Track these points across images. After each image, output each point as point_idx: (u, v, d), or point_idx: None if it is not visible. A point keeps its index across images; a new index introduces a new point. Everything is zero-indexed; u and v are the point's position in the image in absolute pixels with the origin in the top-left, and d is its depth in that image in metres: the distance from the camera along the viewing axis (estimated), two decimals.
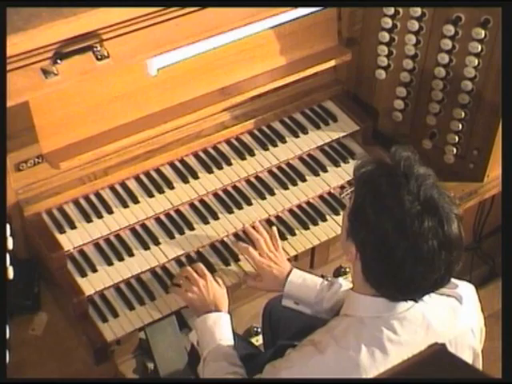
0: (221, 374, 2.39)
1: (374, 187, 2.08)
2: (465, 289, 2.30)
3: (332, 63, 3.10)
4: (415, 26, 2.98)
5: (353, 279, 2.24)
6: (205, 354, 2.47)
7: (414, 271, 2.03)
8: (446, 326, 2.19)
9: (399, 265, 2.03)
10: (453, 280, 2.30)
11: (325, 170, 3.05)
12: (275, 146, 3.08)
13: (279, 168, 3.05)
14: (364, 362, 2.09)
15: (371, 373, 2.09)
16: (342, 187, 2.97)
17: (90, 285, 2.66)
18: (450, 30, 2.89)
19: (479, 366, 2.32)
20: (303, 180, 3.02)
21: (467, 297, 2.27)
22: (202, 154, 3.01)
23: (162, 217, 2.86)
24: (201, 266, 2.67)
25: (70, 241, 2.71)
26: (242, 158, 3.02)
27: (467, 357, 2.25)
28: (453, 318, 2.21)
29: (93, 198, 2.84)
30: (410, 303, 2.14)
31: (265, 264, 2.68)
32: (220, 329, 2.50)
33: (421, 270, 2.03)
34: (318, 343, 2.15)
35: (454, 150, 3.15)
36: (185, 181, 2.92)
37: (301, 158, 3.09)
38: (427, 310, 2.16)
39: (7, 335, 2.38)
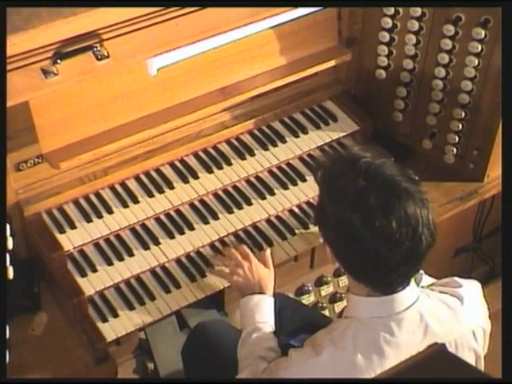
0: (252, 356, 2.37)
1: (326, 182, 2.12)
2: (468, 289, 2.27)
3: (332, 63, 3.10)
4: (415, 25, 2.98)
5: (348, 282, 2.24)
6: (243, 334, 2.46)
7: (376, 246, 2.00)
8: (445, 327, 2.16)
9: (360, 242, 2.01)
10: (457, 279, 2.30)
11: None
12: (275, 146, 3.08)
13: (279, 168, 3.05)
14: (360, 364, 2.08)
15: (367, 374, 2.08)
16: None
17: (90, 285, 2.66)
18: (450, 29, 2.90)
19: (481, 368, 2.30)
20: (303, 180, 3.02)
21: (469, 297, 2.24)
22: (202, 154, 3.01)
23: (162, 217, 2.85)
24: (244, 248, 2.68)
25: (69, 241, 2.71)
26: (242, 158, 3.02)
27: (468, 359, 2.22)
28: (453, 319, 2.19)
29: (93, 198, 2.84)
30: (408, 303, 2.11)
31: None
32: (261, 311, 2.49)
33: (380, 244, 2.00)
34: (318, 345, 2.14)
35: (454, 150, 3.15)
36: (185, 181, 2.92)
37: (301, 158, 3.09)
38: (426, 310, 2.14)
39: (7, 335, 2.39)
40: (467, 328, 2.21)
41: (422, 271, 2.45)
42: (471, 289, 2.30)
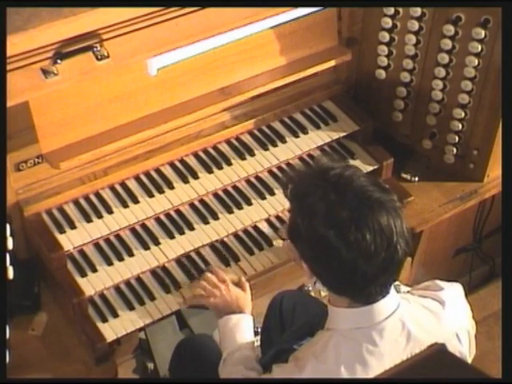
0: (234, 376, 2.37)
1: (296, 198, 2.08)
2: (449, 291, 2.24)
3: (332, 63, 3.10)
4: (415, 25, 2.98)
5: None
6: (224, 355, 2.46)
7: (352, 260, 1.98)
8: (428, 332, 2.13)
9: (336, 256, 1.99)
10: (438, 282, 2.27)
11: None
12: (275, 146, 3.07)
13: (279, 168, 3.05)
14: (344, 376, 2.06)
15: None
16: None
17: (90, 285, 2.66)
18: (449, 30, 2.90)
19: None
20: None
21: (451, 300, 2.21)
22: (201, 154, 3.01)
23: (162, 217, 2.86)
24: (220, 272, 2.66)
25: (69, 241, 2.71)
26: (242, 158, 3.02)
27: None
28: (436, 323, 2.16)
29: (93, 198, 2.84)
30: (388, 311, 2.09)
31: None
32: (241, 331, 2.49)
33: (356, 257, 1.97)
34: (300, 360, 2.12)
35: (454, 150, 3.15)
36: (185, 181, 2.92)
37: (301, 158, 3.09)
38: (407, 317, 2.11)
39: (7, 335, 2.39)
40: (451, 331, 2.19)
41: (398, 282, 2.44)
42: (453, 291, 2.26)
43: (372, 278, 2.02)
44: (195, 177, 2.93)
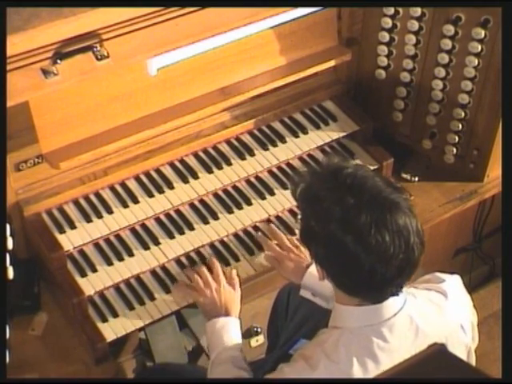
0: (225, 375, 2.37)
1: (310, 199, 2.07)
2: (451, 283, 2.27)
3: (332, 63, 3.10)
4: (415, 25, 2.98)
5: (334, 293, 2.20)
6: (212, 357, 2.46)
7: (371, 263, 1.97)
8: (434, 325, 2.16)
9: (354, 260, 1.98)
10: (439, 274, 2.30)
11: None
12: (275, 146, 3.07)
13: (279, 168, 3.05)
14: (356, 374, 2.07)
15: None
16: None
17: (90, 285, 2.66)
18: (449, 30, 2.90)
19: (473, 361, 2.30)
20: None
21: (454, 292, 2.24)
22: (201, 154, 3.01)
23: (162, 217, 2.85)
24: (217, 266, 2.66)
25: (69, 241, 2.71)
26: (242, 158, 3.02)
27: (460, 354, 2.21)
28: (440, 316, 2.18)
29: (93, 198, 2.84)
30: (397, 307, 2.10)
31: (285, 256, 2.67)
32: (228, 333, 2.49)
33: (375, 260, 1.97)
34: (310, 358, 2.11)
35: (454, 150, 3.15)
36: (185, 181, 2.92)
37: (301, 158, 3.09)
38: (414, 312, 2.13)
39: (7, 335, 2.39)
40: (456, 323, 2.21)
41: None
42: (454, 282, 2.29)
43: (389, 280, 2.02)
44: (195, 177, 2.93)
